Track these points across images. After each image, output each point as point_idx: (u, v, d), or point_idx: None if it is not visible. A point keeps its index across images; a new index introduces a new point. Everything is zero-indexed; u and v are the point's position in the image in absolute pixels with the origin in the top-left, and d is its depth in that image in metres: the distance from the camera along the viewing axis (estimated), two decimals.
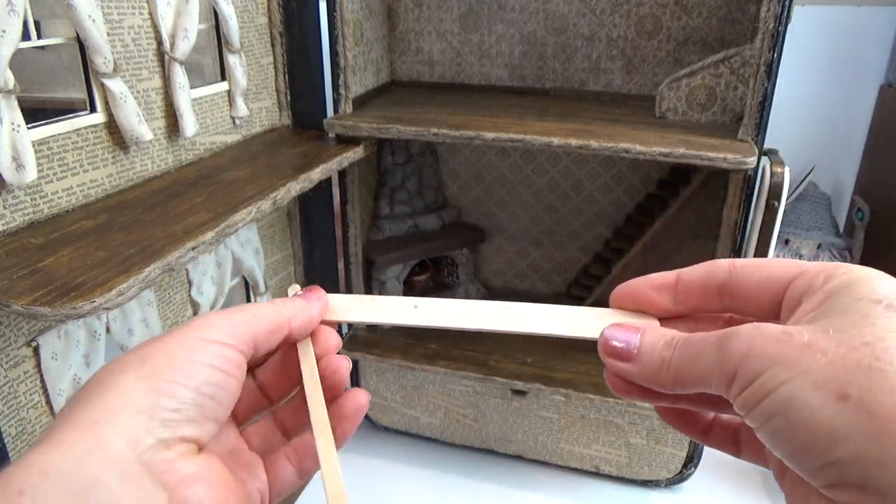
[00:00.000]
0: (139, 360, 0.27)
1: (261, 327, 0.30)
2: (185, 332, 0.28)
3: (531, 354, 1.00)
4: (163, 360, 0.27)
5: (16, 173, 0.55)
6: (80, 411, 0.25)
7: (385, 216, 1.06)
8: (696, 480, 1.00)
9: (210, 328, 0.28)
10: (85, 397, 0.26)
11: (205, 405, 0.27)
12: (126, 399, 0.25)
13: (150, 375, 0.26)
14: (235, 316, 0.30)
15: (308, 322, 0.33)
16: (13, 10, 0.52)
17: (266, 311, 0.31)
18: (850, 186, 1.49)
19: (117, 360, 0.27)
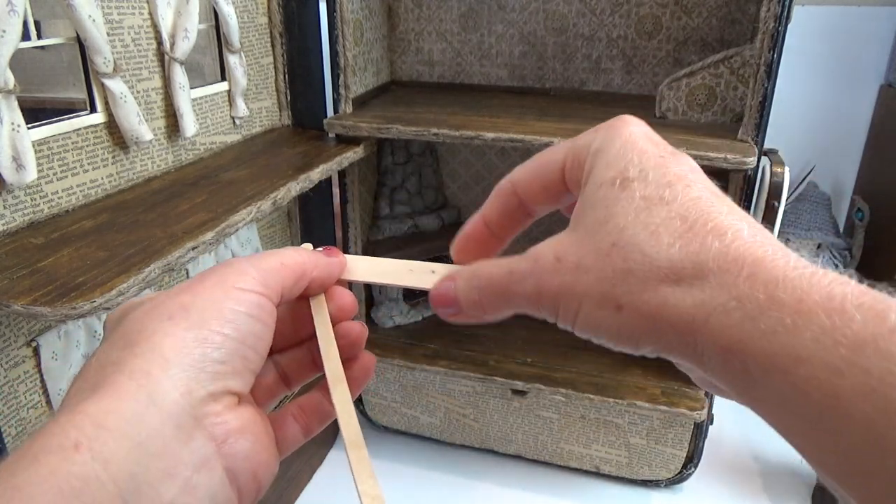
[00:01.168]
0: (183, 308, 0.26)
1: (289, 275, 0.30)
2: (224, 280, 0.27)
3: (531, 354, 1.00)
4: (208, 309, 0.26)
5: (16, 173, 0.55)
6: (130, 358, 0.24)
7: (385, 216, 1.06)
8: (696, 480, 1.00)
9: (246, 276, 0.28)
10: (131, 343, 0.25)
11: (248, 356, 0.27)
12: (179, 350, 0.25)
13: (197, 325, 0.25)
14: (266, 262, 0.29)
15: (328, 276, 0.32)
16: (13, 10, 0.52)
17: (292, 259, 0.30)
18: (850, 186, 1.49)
19: (156, 306, 0.26)
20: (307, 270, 0.31)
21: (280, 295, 0.29)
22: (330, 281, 0.33)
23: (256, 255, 0.30)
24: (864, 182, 1.45)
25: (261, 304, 0.28)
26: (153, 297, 0.27)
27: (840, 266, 1.33)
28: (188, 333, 0.25)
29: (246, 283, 0.27)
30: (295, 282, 0.30)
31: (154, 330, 0.25)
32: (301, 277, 0.31)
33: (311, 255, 0.31)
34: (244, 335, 0.27)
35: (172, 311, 0.26)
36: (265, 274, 0.28)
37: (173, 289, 0.27)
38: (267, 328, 0.28)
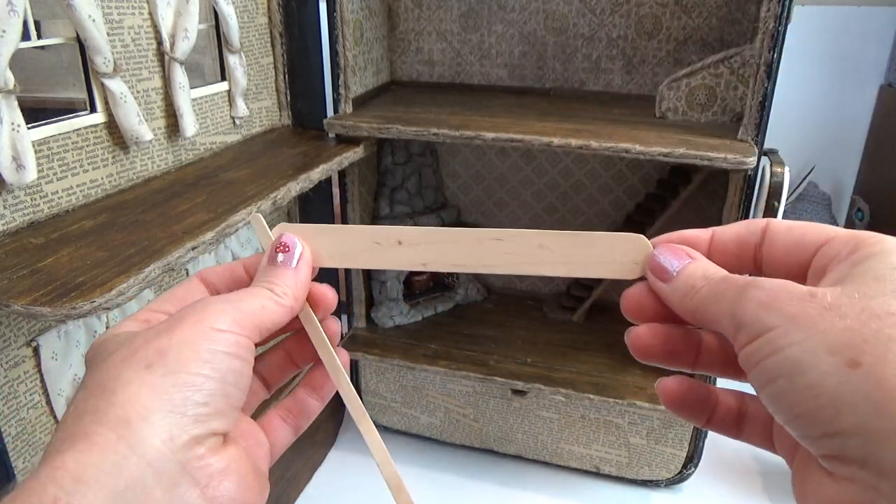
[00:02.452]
0: (160, 354, 0.26)
1: (269, 318, 0.29)
2: (199, 321, 0.27)
3: (531, 354, 1.00)
4: (185, 352, 0.26)
5: (16, 173, 0.55)
6: (108, 408, 0.24)
7: (385, 216, 1.06)
8: (696, 480, 1.00)
9: (223, 315, 0.27)
10: (108, 391, 0.25)
11: (230, 394, 0.27)
12: (158, 395, 0.25)
13: (175, 370, 0.25)
14: (246, 304, 0.29)
15: (305, 293, 0.32)
16: (13, 10, 0.52)
17: (272, 304, 0.30)
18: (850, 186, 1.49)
19: (133, 352, 0.26)
20: (287, 315, 0.31)
21: (259, 334, 0.29)
22: (307, 292, 0.33)
23: (239, 294, 0.29)
24: (864, 182, 1.45)
25: (239, 343, 0.27)
26: (132, 340, 0.27)
27: None
28: (166, 379, 0.25)
29: (223, 324, 0.27)
30: (273, 324, 0.30)
31: (131, 379, 0.25)
32: (280, 322, 0.30)
33: (287, 293, 0.31)
34: (224, 373, 0.26)
35: (150, 359, 0.25)
36: (244, 315, 0.28)
37: (151, 330, 0.27)
38: (246, 364, 0.28)
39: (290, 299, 0.31)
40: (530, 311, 1.14)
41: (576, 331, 1.08)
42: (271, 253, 0.32)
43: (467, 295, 1.16)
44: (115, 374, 0.25)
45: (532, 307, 1.15)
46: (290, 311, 0.31)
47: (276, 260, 0.32)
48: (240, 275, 0.33)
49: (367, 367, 1.05)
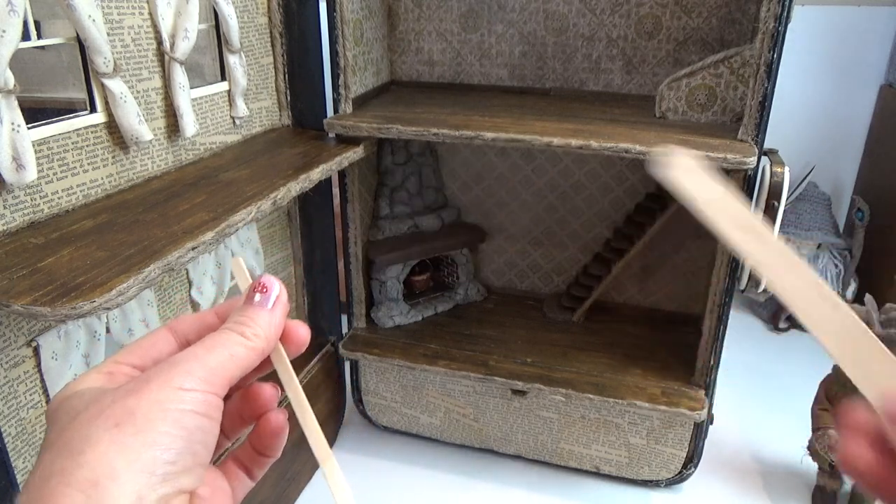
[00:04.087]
0: (129, 413, 0.26)
1: (237, 368, 0.30)
2: (169, 381, 0.27)
3: (531, 354, 1.00)
4: (153, 411, 0.26)
5: (16, 173, 0.55)
6: (75, 469, 0.24)
7: (385, 216, 1.06)
8: (696, 480, 1.00)
9: (191, 376, 0.28)
10: (75, 452, 0.25)
11: (197, 452, 0.27)
12: (126, 455, 0.25)
13: (144, 429, 0.25)
14: (213, 358, 0.29)
15: (278, 335, 0.32)
16: (13, 10, 0.52)
17: (242, 350, 0.30)
18: (850, 186, 1.49)
19: (101, 411, 0.26)
20: (257, 358, 0.31)
21: (227, 387, 0.29)
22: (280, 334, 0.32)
23: (207, 345, 0.29)
24: (864, 182, 1.45)
25: (207, 401, 0.28)
26: (99, 399, 0.27)
27: (840, 266, 1.33)
28: (135, 439, 0.25)
29: (190, 383, 0.27)
30: (244, 371, 0.30)
31: (99, 438, 0.25)
32: (251, 366, 0.30)
33: (259, 335, 0.31)
34: (191, 432, 0.27)
35: (119, 418, 0.26)
36: (211, 372, 0.28)
37: (119, 390, 0.27)
38: (213, 423, 0.28)
39: (261, 341, 0.31)
40: (530, 311, 1.14)
41: (576, 331, 1.08)
42: (249, 292, 0.32)
43: (467, 295, 1.16)
44: (84, 434, 0.25)
45: (532, 307, 1.15)
46: (262, 353, 0.31)
47: (254, 300, 0.32)
48: (211, 322, 0.33)
49: (368, 367, 1.05)
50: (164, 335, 0.32)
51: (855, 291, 1.34)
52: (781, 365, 1.29)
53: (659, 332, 1.07)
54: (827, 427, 0.87)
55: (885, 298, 0.91)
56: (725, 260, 0.84)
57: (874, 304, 0.84)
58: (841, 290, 1.33)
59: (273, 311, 0.32)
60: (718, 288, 0.86)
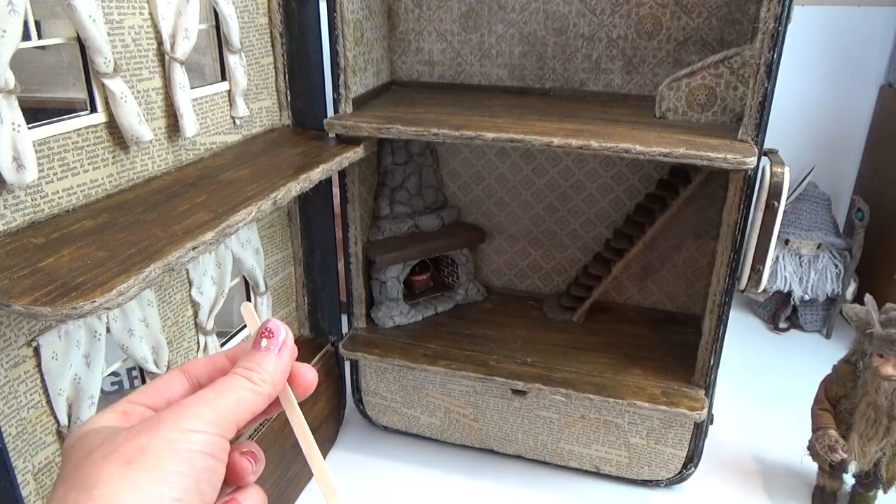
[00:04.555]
0: (140, 451, 0.27)
1: (245, 412, 0.31)
2: (178, 422, 0.28)
3: (531, 354, 1.00)
4: (163, 450, 0.27)
5: (16, 173, 0.55)
6: (87, 502, 0.26)
7: (385, 216, 1.06)
8: (696, 480, 1.00)
9: (199, 419, 0.29)
10: (88, 487, 0.26)
11: (203, 491, 0.28)
12: (136, 491, 0.26)
13: (154, 467, 0.27)
14: (222, 402, 0.30)
15: (284, 379, 0.33)
16: (13, 9, 0.52)
17: (249, 395, 0.31)
18: (850, 186, 1.49)
19: (115, 450, 0.27)
20: (264, 403, 0.32)
21: (235, 430, 0.30)
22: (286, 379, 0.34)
23: (217, 389, 0.31)
24: (864, 182, 1.45)
25: (214, 443, 0.29)
26: (113, 437, 0.28)
27: (840, 266, 1.33)
28: (145, 476, 0.26)
29: (199, 425, 0.29)
30: (251, 415, 0.31)
31: (111, 474, 0.26)
32: (258, 410, 0.32)
33: (266, 380, 0.32)
34: (199, 471, 0.28)
35: (130, 456, 0.27)
36: (219, 415, 0.30)
37: (132, 429, 0.28)
38: (220, 464, 0.29)
39: (268, 386, 0.32)
40: (530, 311, 1.14)
41: (576, 331, 1.08)
42: (256, 338, 0.33)
43: (467, 295, 1.16)
44: (97, 471, 0.27)
45: (532, 307, 1.15)
46: (268, 398, 0.32)
47: (261, 345, 0.33)
48: (222, 365, 0.34)
49: (367, 367, 1.05)
50: (176, 376, 0.33)
51: (855, 291, 1.34)
52: (781, 365, 1.29)
53: (659, 332, 1.07)
54: (827, 427, 0.87)
55: (885, 298, 0.91)
56: (725, 260, 0.84)
57: (874, 304, 0.84)
58: (841, 290, 1.33)
59: (280, 356, 0.33)
60: (718, 288, 0.86)
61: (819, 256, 1.34)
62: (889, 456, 0.85)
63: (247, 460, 0.33)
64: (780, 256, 1.34)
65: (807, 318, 1.39)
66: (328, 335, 1.06)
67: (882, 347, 0.81)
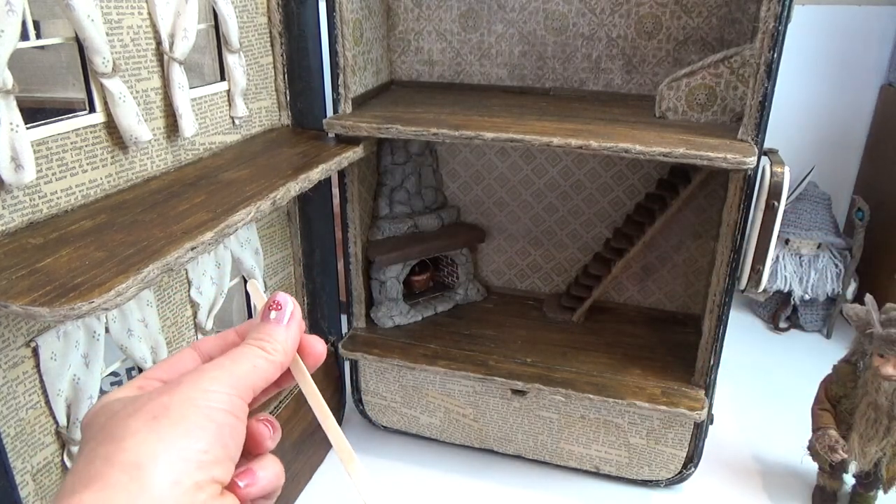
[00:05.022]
0: (164, 407, 0.28)
1: (260, 378, 0.32)
2: (198, 383, 0.30)
3: (531, 354, 1.00)
4: (187, 406, 0.28)
5: (14, 173, 0.55)
6: (119, 453, 0.26)
7: (384, 216, 1.06)
8: (696, 480, 1.00)
9: (216, 381, 0.30)
10: (117, 439, 0.27)
11: (227, 445, 0.29)
12: (164, 442, 0.27)
13: (179, 420, 0.28)
14: (238, 367, 0.31)
15: (294, 348, 0.35)
16: (11, 9, 0.52)
17: (263, 362, 0.32)
18: (850, 186, 1.49)
19: (138, 409, 0.28)
20: (277, 371, 0.33)
21: (251, 396, 0.32)
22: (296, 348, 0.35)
23: (231, 356, 0.32)
24: (864, 182, 1.45)
25: (233, 402, 0.30)
26: (134, 400, 0.29)
27: (840, 266, 1.33)
28: (172, 429, 0.27)
29: (217, 386, 0.30)
30: (265, 382, 0.32)
31: (138, 428, 0.27)
32: (272, 377, 0.33)
33: (278, 349, 0.33)
34: (220, 426, 0.29)
35: (155, 411, 0.28)
36: (236, 379, 0.31)
37: (153, 392, 0.30)
38: (240, 422, 0.30)
39: (280, 355, 0.33)
40: (530, 311, 1.14)
41: (576, 331, 1.08)
42: (265, 310, 0.35)
43: (467, 295, 1.16)
44: (124, 425, 0.28)
45: (532, 307, 1.15)
46: (281, 367, 0.33)
47: (269, 317, 0.34)
48: (232, 341, 0.35)
49: (367, 367, 1.05)
50: (188, 353, 0.35)
51: (855, 291, 1.34)
52: (781, 365, 1.29)
53: (659, 332, 1.07)
54: (827, 427, 0.87)
55: (885, 298, 0.90)
56: (725, 260, 0.84)
57: (874, 304, 0.84)
58: (841, 290, 1.33)
59: (289, 326, 0.34)
60: (718, 288, 0.86)
61: (819, 256, 1.34)
62: (889, 456, 0.85)
63: (264, 425, 0.34)
64: (780, 256, 1.34)
65: (807, 318, 1.39)
66: (328, 335, 1.06)
67: (882, 347, 0.81)
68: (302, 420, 0.96)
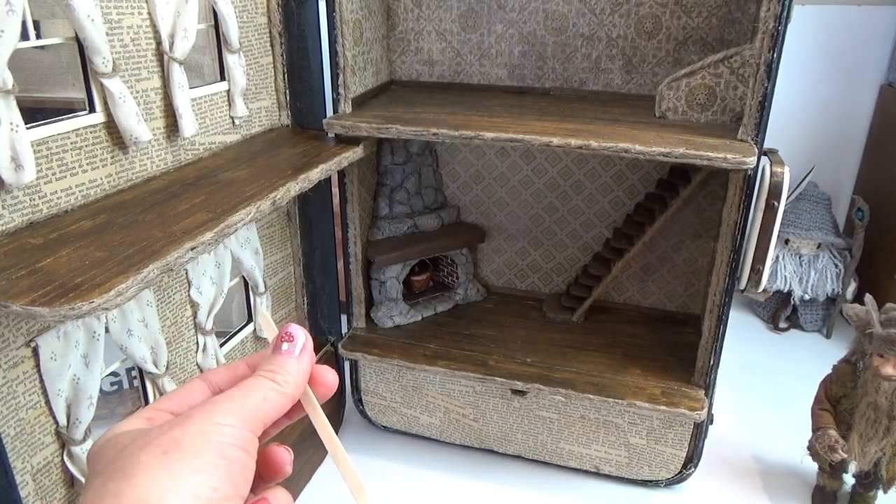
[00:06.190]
0: (175, 442, 0.28)
1: (271, 410, 0.32)
2: (210, 417, 0.29)
3: (531, 354, 1.00)
4: (198, 441, 0.28)
5: (14, 173, 0.55)
6: (129, 489, 0.26)
7: (384, 216, 1.06)
8: (696, 480, 1.00)
9: (228, 414, 0.30)
10: (128, 475, 0.27)
11: (237, 483, 0.29)
12: (175, 478, 0.27)
13: (190, 456, 0.27)
14: (248, 400, 0.31)
15: (305, 380, 0.34)
16: (11, 9, 0.52)
17: (274, 395, 0.32)
18: (850, 186, 1.49)
19: (148, 442, 0.28)
20: (288, 403, 0.33)
21: (262, 428, 0.31)
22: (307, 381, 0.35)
23: (242, 389, 0.32)
24: (864, 182, 1.45)
25: (244, 437, 0.30)
26: (144, 434, 0.29)
27: (840, 266, 1.33)
28: (182, 464, 0.27)
29: (229, 420, 0.30)
30: (276, 414, 0.32)
31: (149, 463, 0.27)
32: (283, 410, 0.33)
33: (289, 381, 0.33)
34: (231, 462, 0.28)
35: (166, 446, 0.28)
36: (247, 412, 0.31)
37: (164, 425, 0.29)
38: (251, 458, 0.30)
39: (291, 387, 0.33)
40: (530, 311, 1.14)
41: (576, 331, 1.08)
42: (276, 342, 0.34)
43: (467, 295, 1.16)
44: (134, 461, 0.27)
45: (532, 307, 1.15)
46: (292, 399, 0.33)
47: (281, 349, 0.34)
48: (242, 373, 0.35)
49: (367, 367, 1.05)
50: (198, 385, 0.34)
51: (855, 291, 1.34)
52: (781, 365, 1.29)
53: (659, 332, 1.07)
54: (827, 427, 0.87)
55: (885, 298, 0.90)
56: (725, 260, 0.84)
57: (874, 304, 0.84)
58: (841, 290, 1.33)
59: (300, 358, 0.34)
60: (718, 288, 0.86)
61: (819, 256, 1.34)
62: (889, 456, 0.85)
63: (284, 450, 0.34)
64: (780, 256, 1.34)
65: (807, 318, 1.39)
66: (327, 335, 1.06)
67: (882, 347, 0.81)
68: (301, 421, 0.96)
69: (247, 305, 0.94)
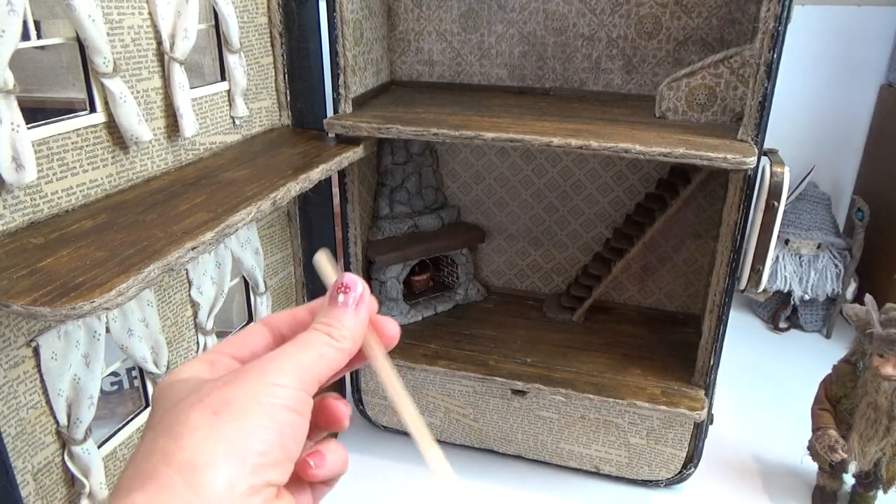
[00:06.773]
0: (226, 402, 0.27)
1: (327, 367, 0.31)
2: (264, 375, 0.29)
3: (531, 354, 1.00)
4: (249, 402, 0.27)
5: (15, 173, 0.55)
6: (177, 450, 0.26)
7: (385, 216, 1.06)
8: (696, 480, 1.00)
9: (282, 373, 0.29)
10: (177, 435, 0.27)
11: (287, 446, 0.28)
12: (222, 442, 0.26)
13: (240, 417, 0.27)
14: (305, 356, 0.30)
15: (363, 334, 0.33)
16: (12, 9, 0.52)
17: (330, 351, 0.31)
18: (850, 186, 1.49)
19: (201, 398, 0.28)
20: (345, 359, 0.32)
21: (317, 386, 0.30)
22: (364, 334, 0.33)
23: (298, 344, 0.31)
24: (864, 182, 1.45)
25: (298, 397, 0.29)
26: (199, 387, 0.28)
27: (840, 266, 1.33)
28: (231, 426, 0.27)
29: (283, 380, 0.29)
30: (332, 371, 0.31)
31: (198, 425, 0.27)
32: (339, 366, 0.32)
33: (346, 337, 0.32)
34: (283, 426, 0.28)
35: (217, 407, 0.27)
36: (303, 370, 0.30)
37: (219, 380, 0.29)
38: (304, 419, 0.29)
39: (348, 342, 0.32)
40: (530, 311, 1.14)
41: (576, 331, 1.08)
42: (333, 293, 0.33)
43: (467, 295, 1.16)
44: (184, 419, 0.27)
45: (532, 307, 1.15)
46: (349, 353, 0.32)
47: (338, 300, 0.32)
48: (302, 318, 0.34)
49: (367, 367, 1.05)
50: (259, 328, 0.34)
51: (855, 291, 1.34)
52: (781, 365, 1.29)
53: (659, 332, 1.07)
54: (827, 427, 0.87)
55: (885, 298, 0.91)
56: (725, 260, 0.84)
57: (874, 304, 0.84)
58: (841, 290, 1.33)
59: (358, 311, 0.33)
60: (718, 288, 0.86)
61: (819, 256, 1.34)
62: (889, 456, 0.85)
63: (342, 403, 0.33)
64: (780, 256, 1.34)
65: (807, 318, 1.39)
66: None
67: (882, 347, 0.81)
68: None
69: (247, 305, 0.94)
